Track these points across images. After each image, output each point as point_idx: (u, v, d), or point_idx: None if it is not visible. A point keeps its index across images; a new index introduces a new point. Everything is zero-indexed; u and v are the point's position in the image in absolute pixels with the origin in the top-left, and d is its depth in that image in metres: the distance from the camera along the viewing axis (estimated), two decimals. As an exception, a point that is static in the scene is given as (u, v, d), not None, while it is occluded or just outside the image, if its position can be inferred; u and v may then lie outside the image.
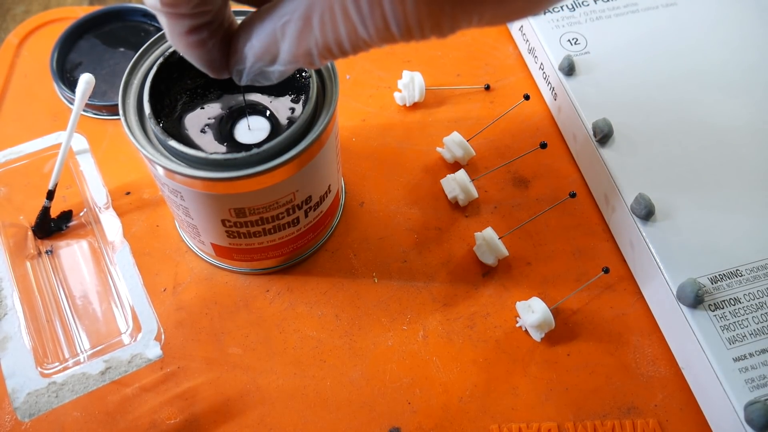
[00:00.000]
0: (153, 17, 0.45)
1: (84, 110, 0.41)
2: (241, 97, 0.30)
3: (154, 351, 0.28)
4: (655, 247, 0.33)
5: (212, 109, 0.30)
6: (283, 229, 0.32)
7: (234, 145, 0.29)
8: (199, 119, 0.30)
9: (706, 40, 0.42)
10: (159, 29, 0.44)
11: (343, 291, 0.35)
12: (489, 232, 0.35)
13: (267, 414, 0.31)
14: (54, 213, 0.36)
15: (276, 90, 0.30)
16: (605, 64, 0.41)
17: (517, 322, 0.34)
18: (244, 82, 0.24)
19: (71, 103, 0.42)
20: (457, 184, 0.37)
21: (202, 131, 0.29)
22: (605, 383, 0.32)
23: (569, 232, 0.37)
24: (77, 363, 0.30)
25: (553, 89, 0.41)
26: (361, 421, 0.31)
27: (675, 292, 0.32)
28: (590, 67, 0.40)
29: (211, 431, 0.31)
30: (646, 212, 0.34)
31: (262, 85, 0.24)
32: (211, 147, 0.28)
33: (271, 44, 0.21)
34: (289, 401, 0.32)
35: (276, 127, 0.30)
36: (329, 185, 0.33)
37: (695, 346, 0.31)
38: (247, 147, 0.28)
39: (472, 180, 0.38)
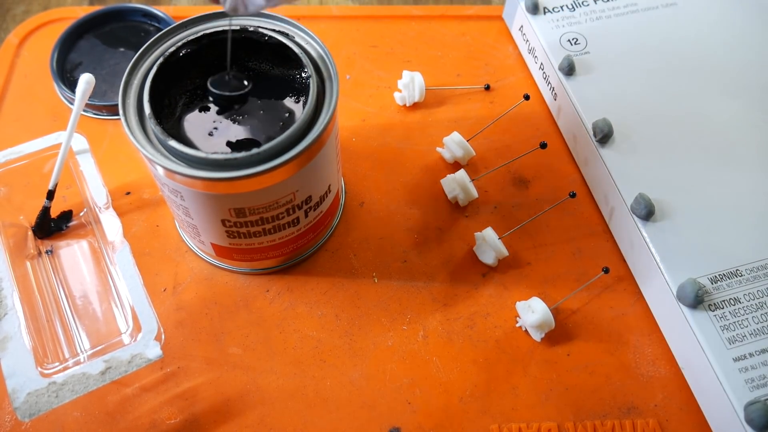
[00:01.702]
0: (153, 17, 0.45)
1: (84, 110, 0.41)
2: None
3: (154, 351, 0.28)
4: (655, 247, 0.33)
5: (212, 109, 0.30)
6: (283, 229, 0.32)
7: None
8: (199, 119, 0.29)
9: (706, 41, 0.42)
10: (159, 29, 0.44)
11: (343, 291, 0.35)
12: (489, 232, 0.35)
13: (267, 414, 0.31)
14: (54, 213, 0.36)
15: (276, 90, 0.30)
16: (605, 64, 0.41)
17: (517, 322, 0.34)
18: (229, 5, 0.22)
19: (71, 103, 0.42)
20: (457, 184, 0.37)
21: (209, 134, 0.29)
22: (605, 383, 0.32)
23: (569, 232, 0.37)
24: (77, 363, 0.30)
25: (553, 89, 0.41)
26: (361, 421, 0.31)
27: (675, 292, 0.32)
28: (590, 67, 0.40)
29: (211, 431, 0.31)
30: (646, 212, 0.34)
31: (249, 13, 0.22)
32: (212, 147, 0.28)
33: None
34: (289, 401, 0.32)
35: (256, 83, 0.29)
36: (329, 185, 0.33)
37: (695, 346, 0.31)
38: (247, 147, 0.28)
39: (472, 180, 0.38)
